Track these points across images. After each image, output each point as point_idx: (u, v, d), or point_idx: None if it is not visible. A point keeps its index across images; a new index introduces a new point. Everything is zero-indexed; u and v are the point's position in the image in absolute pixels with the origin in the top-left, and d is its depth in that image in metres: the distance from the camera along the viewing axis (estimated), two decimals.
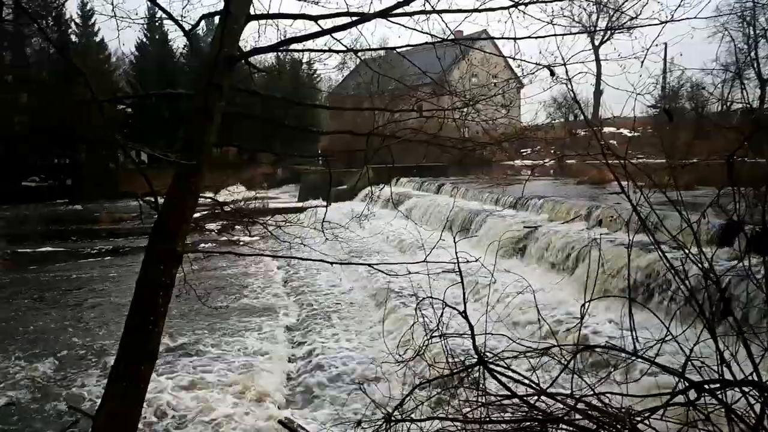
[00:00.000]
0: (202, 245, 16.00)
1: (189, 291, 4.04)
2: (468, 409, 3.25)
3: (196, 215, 3.86)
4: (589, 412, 2.96)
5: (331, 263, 4.08)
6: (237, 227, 18.77)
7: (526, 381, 3.19)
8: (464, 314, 3.29)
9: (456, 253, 3.30)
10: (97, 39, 44.32)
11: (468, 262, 3.34)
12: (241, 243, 17.22)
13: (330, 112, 40.06)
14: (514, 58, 4.34)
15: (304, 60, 35.94)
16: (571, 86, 3.57)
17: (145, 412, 3.71)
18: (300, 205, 28.43)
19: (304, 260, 4.21)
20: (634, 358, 3.05)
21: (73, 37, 42.70)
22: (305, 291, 12.60)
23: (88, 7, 42.95)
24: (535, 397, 3.15)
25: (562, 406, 3.04)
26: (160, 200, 3.63)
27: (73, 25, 43.62)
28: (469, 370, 3.29)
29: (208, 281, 13.28)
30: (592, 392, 3.05)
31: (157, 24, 43.39)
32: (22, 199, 37.21)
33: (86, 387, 7.71)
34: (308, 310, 11.06)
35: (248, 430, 6.29)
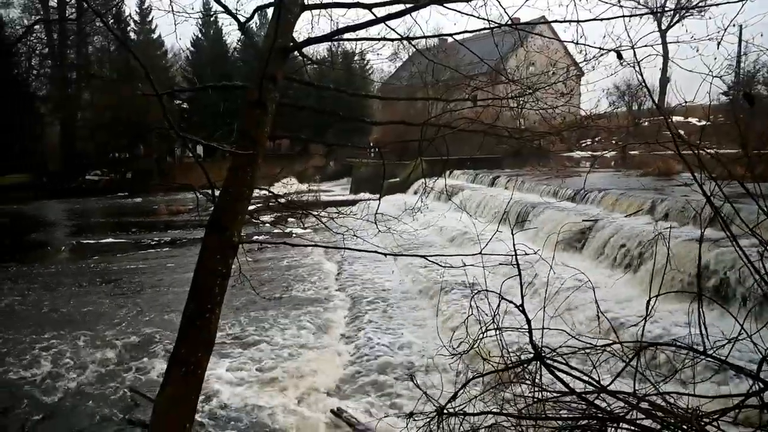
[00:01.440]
0: (256, 237, 16.39)
1: (243, 281, 4.11)
2: (523, 405, 3.18)
3: (251, 207, 3.92)
4: (653, 411, 2.82)
5: (385, 254, 4.05)
6: (290, 220, 19.12)
7: (585, 378, 3.09)
8: (521, 308, 3.20)
9: (514, 245, 3.20)
10: (155, 36, 46.28)
11: (526, 254, 3.23)
12: (294, 235, 17.48)
13: (382, 104, 40.07)
14: (576, 43, 4.14)
15: (357, 50, 36.10)
16: (640, 70, 3.36)
17: (200, 396, 3.81)
18: (352, 197, 28.66)
19: (357, 251, 4.21)
20: (703, 357, 2.88)
21: (132, 35, 44.73)
22: (357, 283, 12.67)
23: (146, 5, 44.81)
24: (595, 395, 3.05)
25: (623, 404, 2.93)
26: (216, 192, 3.69)
27: (131, 22, 45.65)
28: (525, 364, 3.21)
29: (262, 273, 13.58)
30: (656, 391, 2.92)
31: (212, 19, 45.02)
32: (85, 193, 39.40)
33: (146, 372, 8.02)
34: (360, 302, 11.12)
35: (300, 419, 6.38)
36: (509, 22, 4.33)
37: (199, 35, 48.74)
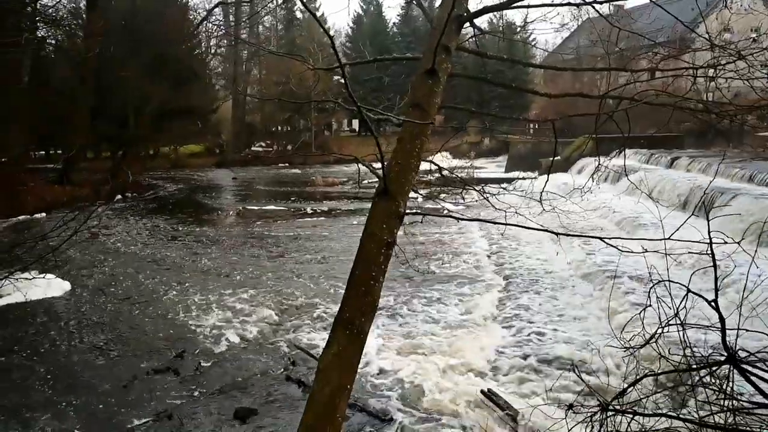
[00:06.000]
0: (409, 210, 16.60)
1: (398, 253, 4.15)
2: (705, 413, 2.84)
3: None
4: None
5: (557, 234, 3.80)
6: (442, 195, 19.03)
7: None
8: (714, 304, 2.82)
9: (709, 233, 2.81)
10: (318, 14, 49.11)
11: (725, 242, 2.82)
12: (446, 211, 17.39)
13: (546, 78, 38.13)
14: None
15: (526, 20, 34.75)
16: None
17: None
18: (507, 176, 27.81)
19: (521, 228, 4.03)
20: None
21: (298, 13, 48.33)
22: (512, 263, 12.36)
23: None
24: None
25: None
26: (376, 164, 3.73)
27: (298, 1, 48.81)
28: (714, 368, 2.85)
29: (415, 246, 13.74)
30: None
31: None
32: (251, 162, 43.35)
33: (303, 331, 8.58)
34: (514, 283, 10.83)
35: (450, 396, 6.39)
36: None
37: (360, 12, 50.95)
